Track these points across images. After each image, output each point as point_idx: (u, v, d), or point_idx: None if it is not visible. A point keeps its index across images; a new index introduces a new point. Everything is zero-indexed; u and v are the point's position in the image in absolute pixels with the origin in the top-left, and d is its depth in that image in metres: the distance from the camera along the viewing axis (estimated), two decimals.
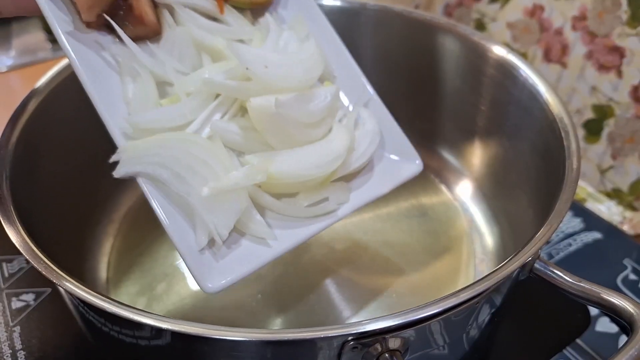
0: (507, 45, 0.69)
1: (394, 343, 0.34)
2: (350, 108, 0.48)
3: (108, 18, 0.40)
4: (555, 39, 0.72)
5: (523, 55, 0.75)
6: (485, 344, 0.50)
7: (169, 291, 0.54)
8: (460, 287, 0.36)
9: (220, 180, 0.38)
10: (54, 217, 0.49)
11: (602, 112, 0.68)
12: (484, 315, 0.41)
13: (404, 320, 0.33)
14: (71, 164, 0.53)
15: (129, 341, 0.38)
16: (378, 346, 0.34)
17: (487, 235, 0.60)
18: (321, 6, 0.52)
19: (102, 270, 0.56)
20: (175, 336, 0.35)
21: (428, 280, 0.56)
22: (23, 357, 0.50)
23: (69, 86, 0.53)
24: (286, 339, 0.33)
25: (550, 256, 0.60)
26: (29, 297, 0.55)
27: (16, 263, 0.58)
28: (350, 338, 0.33)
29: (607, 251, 0.61)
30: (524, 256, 0.38)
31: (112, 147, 0.38)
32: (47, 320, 0.53)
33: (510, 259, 0.38)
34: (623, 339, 0.52)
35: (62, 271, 0.37)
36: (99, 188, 0.58)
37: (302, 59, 0.44)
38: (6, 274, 0.57)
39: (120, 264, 0.57)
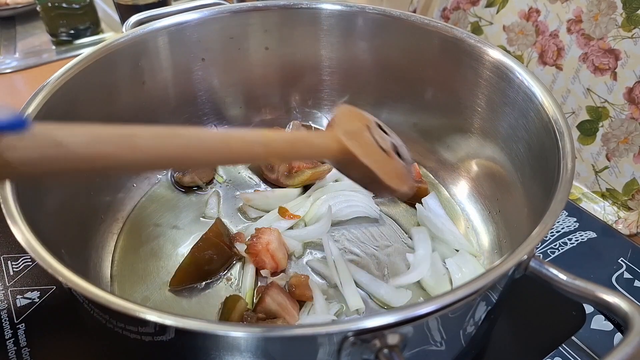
0: (503, 48, 0.70)
1: (392, 339, 0.35)
2: None
3: None
4: (551, 42, 0.73)
5: (519, 58, 0.76)
6: (482, 340, 0.51)
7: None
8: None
9: None
10: (58, 215, 0.50)
11: (597, 114, 0.69)
12: (481, 312, 0.42)
13: (402, 317, 0.34)
14: None
15: (133, 337, 0.38)
16: (377, 342, 0.34)
17: (483, 234, 0.61)
18: (322, 10, 0.52)
19: (106, 268, 0.56)
20: (179, 332, 0.35)
21: None
22: (28, 354, 0.51)
23: (72, 87, 0.54)
24: (287, 335, 0.34)
25: (546, 255, 0.61)
26: (34, 295, 0.56)
27: (21, 261, 0.59)
28: (349, 334, 0.34)
29: (601, 250, 0.61)
30: (520, 255, 0.38)
31: None
32: (51, 318, 0.54)
33: (506, 257, 0.38)
34: (619, 336, 0.53)
35: (66, 269, 0.37)
36: (103, 187, 0.59)
37: None
38: (11, 272, 0.58)
39: (124, 262, 0.57)
